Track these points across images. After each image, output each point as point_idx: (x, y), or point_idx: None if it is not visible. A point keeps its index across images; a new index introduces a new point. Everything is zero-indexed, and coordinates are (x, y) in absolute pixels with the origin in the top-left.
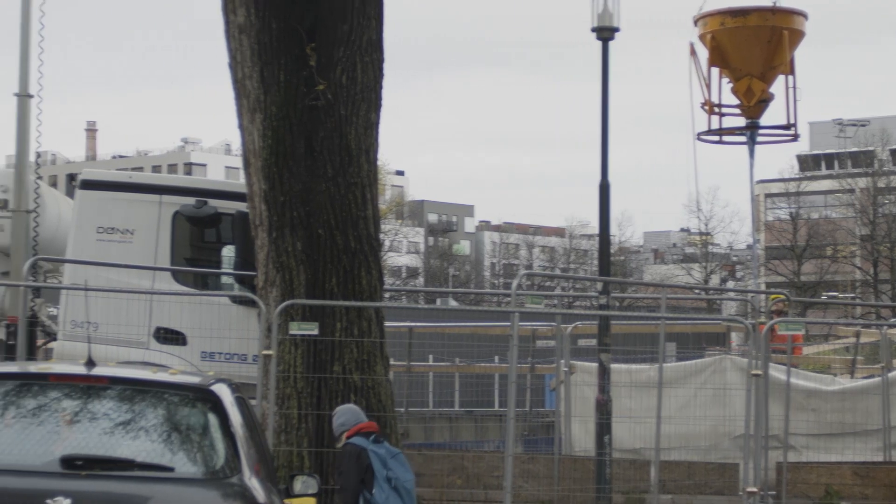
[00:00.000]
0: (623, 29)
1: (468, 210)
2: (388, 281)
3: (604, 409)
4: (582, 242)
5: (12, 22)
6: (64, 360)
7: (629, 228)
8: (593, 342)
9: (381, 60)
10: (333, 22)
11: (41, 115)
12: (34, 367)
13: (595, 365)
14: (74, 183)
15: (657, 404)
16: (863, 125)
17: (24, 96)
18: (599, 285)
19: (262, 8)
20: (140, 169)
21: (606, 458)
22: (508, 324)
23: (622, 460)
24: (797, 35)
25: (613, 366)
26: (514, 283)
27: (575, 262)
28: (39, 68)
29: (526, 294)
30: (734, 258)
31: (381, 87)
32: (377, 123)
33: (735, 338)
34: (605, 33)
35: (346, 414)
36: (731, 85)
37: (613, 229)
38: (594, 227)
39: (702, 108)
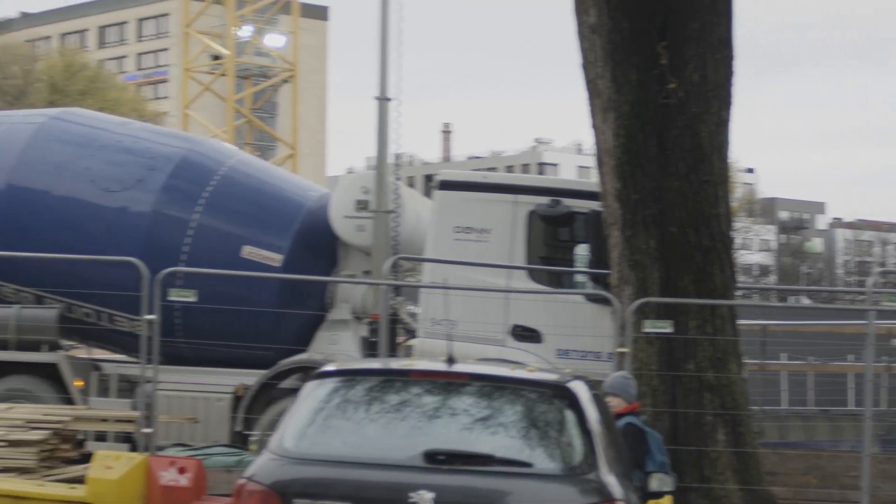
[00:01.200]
0: None
1: (819, 207)
2: (740, 279)
3: None
4: None
5: (372, 28)
6: (425, 356)
7: None
8: None
9: (731, 58)
10: (683, 20)
11: (400, 117)
12: (396, 364)
13: None
14: (432, 184)
15: None
16: None
17: (383, 100)
18: None
19: (614, 8)
20: (494, 169)
21: None
22: (864, 322)
23: None
24: None
25: None
26: (870, 280)
27: None
28: (398, 72)
29: (882, 292)
30: None
31: (731, 85)
32: (728, 121)
33: None
34: None
35: (635, 388)
36: None
37: None
38: None
39: None
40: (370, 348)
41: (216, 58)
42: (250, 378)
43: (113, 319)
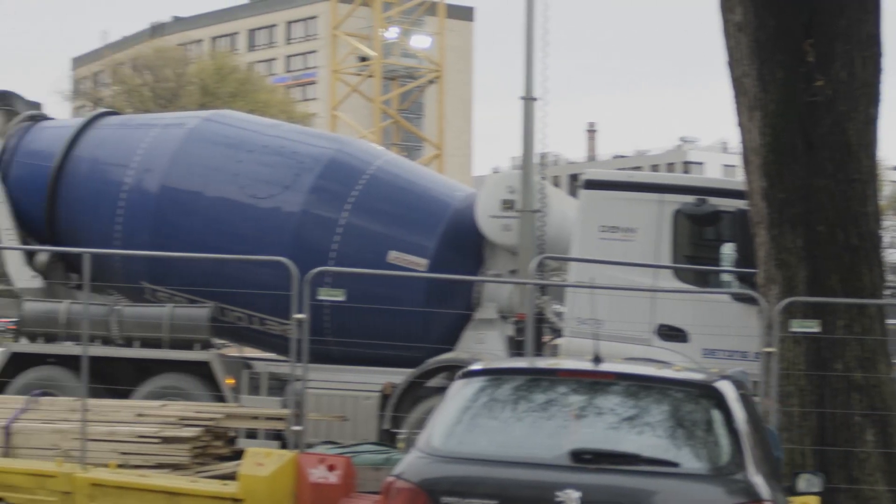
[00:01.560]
0: None
1: None
2: (889, 278)
3: None
4: None
5: (518, 28)
6: (571, 356)
7: None
8: None
9: (879, 55)
10: (830, 17)
11: (545, 117)
12: (543, 363)
13: None
14: (578, 183)
15: None
16: None
17: (528, 99)
18: None
19: (760, 6)
20: (639, 168)
21: None
22: None
23: None
24: None
25: None
26: None
27: None
28: (543, 72)
29: None
30: None
31: (880, 82)
32: (877, 118)
33: None
34: None
35: (751, 384)
36: None
37: None
38: None
39: None
40: (516, 347)
41: (363, 59)
42: (397, 377)
43: (263, 322)
